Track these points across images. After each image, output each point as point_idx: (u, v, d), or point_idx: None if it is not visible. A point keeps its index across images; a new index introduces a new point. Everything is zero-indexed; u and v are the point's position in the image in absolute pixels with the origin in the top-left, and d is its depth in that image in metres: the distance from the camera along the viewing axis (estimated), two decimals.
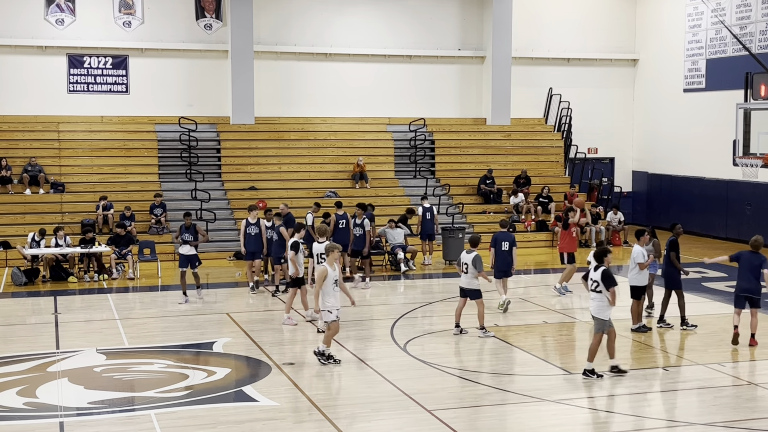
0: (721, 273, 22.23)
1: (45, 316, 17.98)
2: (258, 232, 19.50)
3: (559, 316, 17.57)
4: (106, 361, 14.28)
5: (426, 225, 24.09)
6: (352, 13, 30.52)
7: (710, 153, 28.70)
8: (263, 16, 29.54)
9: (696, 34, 30.36)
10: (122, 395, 12.54)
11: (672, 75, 31.34)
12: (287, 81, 29.99)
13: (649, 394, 12.74)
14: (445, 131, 31.00)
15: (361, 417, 11.61)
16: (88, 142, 27.72)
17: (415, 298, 20.07)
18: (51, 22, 27.96)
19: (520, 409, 12.01)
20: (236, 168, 28.38)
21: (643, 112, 33.16)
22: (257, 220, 19.55)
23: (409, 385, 12.72)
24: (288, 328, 16.38)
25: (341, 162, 29.19)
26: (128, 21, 28.59)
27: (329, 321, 13.75)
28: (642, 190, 33.08)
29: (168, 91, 29.04)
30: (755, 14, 27.84)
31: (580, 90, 32.47)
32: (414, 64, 31.18)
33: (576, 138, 31.93)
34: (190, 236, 18.85)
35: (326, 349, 13.88)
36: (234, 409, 11.97)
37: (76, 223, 24.64)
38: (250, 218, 19.58)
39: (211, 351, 14.88)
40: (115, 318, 17.50)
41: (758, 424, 11.19)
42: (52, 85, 28.10)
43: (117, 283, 21.47)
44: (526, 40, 31.83)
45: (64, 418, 11.47)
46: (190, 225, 18.99)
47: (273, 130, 29.47)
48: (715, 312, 17.91)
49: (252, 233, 19.52)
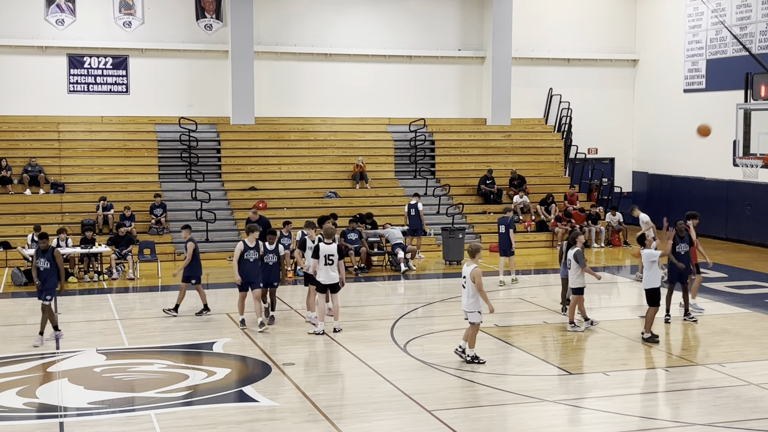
0: (721, 273, 22.24)
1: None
2: (257, 257, 16.34)
3: (558, 316, 17.55)
4: (106, 361, 14.28)
5: (410, 221, 24.89)
6: (353, 13, 30.52)
7: (710, 153, 28.69)
8: (263, 16, 29.55)
9: (696, 34, 30.37)
10: (122, 395, 12.53)
11: (672, 75, 31.34)
12: (287, 81, 30.00)
13: (649, 395, 12.74)
14: (445, 131, 31.00)
15: (362, 417, 11.61)
16: (88, 142, 27.72)
17: (415, 298, 20.06)
18: (51, 23, 27.97)
19: (519, 409, 12.00)
20: (236, 168, 28.38)
21: (643, 112, 33.17)
22: (256, 243, 16.32)
23: (409, 386, 12.72)
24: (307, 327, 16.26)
25: (341, 162, 29.19)
26: (128, 21, 28.60)
27: (476, 322, 13.84)
28: (642, 191, 33.08)
29: (168, 92, 29.04)
30: (755, 14, 27.84)
31: (581, 90, 32.48)
32: (414, 64, 31.19)
33: (576, 138, 31.94)
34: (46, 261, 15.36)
35: (471, 351, 13.96)
36: (234, 410, 11.97)
37: (76, 223, 24.64)
38: (248, 241, 16.25)
39: (211, 351, 14.88)
40: (116, 318, 17.50)
41: (758, 425, 11.19)
42: (53, 85, 28.11)
43: (117, 283, 21.47)
44: (526, 41, 31.84)
45: (64, 419, 11.47)
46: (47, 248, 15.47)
47: (273, 130, 29.48)
48: (716, 312, 17.91)
49: (251, 259, 16.25)
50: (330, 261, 15.76)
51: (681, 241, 17.00)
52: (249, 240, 16.19)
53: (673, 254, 16.89)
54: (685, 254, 17.00)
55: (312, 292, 16.64)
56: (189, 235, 17.62)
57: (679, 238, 17.01)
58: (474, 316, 13.82)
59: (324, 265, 15.77)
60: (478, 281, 13.58)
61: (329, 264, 15.76)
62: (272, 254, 16.59)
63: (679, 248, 16.97)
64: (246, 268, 16.18)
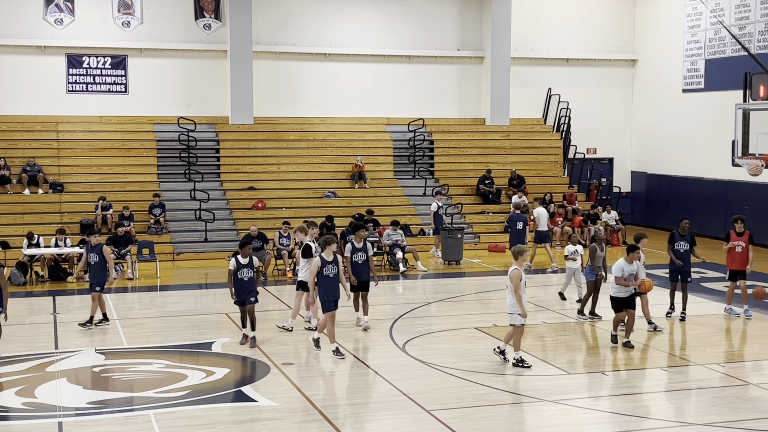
0: (720, 273, 22.23)
1: (44, 316, 17.96)
2: (252, 275, 15.13)
3: (557, 316, 17.56)
4: (105, 361, 14.27)
5: (435, 220, 25.54)
6: (351, 13, 30.52)
7: (709, 153, 28.70)
8: (262, 16, 29.54)
9: (695, 34, 30.37)
10: (121, 395, 12.53)
11: (671, 75, 31.35)
12: (286, 81, 29.99)
13: (647, 395, 12.75)
14: (444, 131, 31.00)
15: (360, 417, 11.61)
16: (87, 142, 27.71)
17: (413, 299, 20.06)
18: (50, 22, 27.95)
19: (519, 409, 12.01)
20: (235, 168, 28.37)
21: (642, 112, 33.17)
22: (250, 258, 15.08)
23: (408, 386, 12.71)
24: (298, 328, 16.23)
25: (340, 162, 29.19)
26: (127, 21, 28.58)
27: (516, 324, 13.71)
28: (641, 191, 33.09)
29: (167, 91, 29.03)
30: (754, 15, 27.85)
31: (579, 90, 32.49)
32: (413, 64, 31.19)
33: (575, 138, 31.95)
34: None
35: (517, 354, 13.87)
36: (233, 410, 11.96)
37: (75, 223, 24.64)
38: (241, 257, 15.00)
39: (210, 351, 14.87)
40: (114, 318, 17.48)
41: (757, 425, 11.19)
42: (51, 85, 28.09)
43: (116, 283, 21.43)
44: (525, 41, 31.84)
45: (62, 418, 11.46)
46: None
47: (272, 130, 29.47)
48: (714, 312, 17.91)
49: (245, 278, 14.98)
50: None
51: (681, 239, 17.06)
52: (242, 255, 14.97)
53: (672, 252, 16.97)
54: (684, 252, 17.05)
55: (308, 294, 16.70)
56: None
57: (679, 235, 17.07)
58: (514, 318, 13.65)
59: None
60: (515, 282, 13.41)
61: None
62: (246, 269, 15.01)
63: (678, 246, 17.03)
64: (241, 286, 14.97)
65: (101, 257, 16.54)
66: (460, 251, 24.30)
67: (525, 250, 13.87)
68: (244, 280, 14.97)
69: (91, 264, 16.68)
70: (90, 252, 16.70)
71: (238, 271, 14.95)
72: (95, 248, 16.64)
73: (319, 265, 14.55)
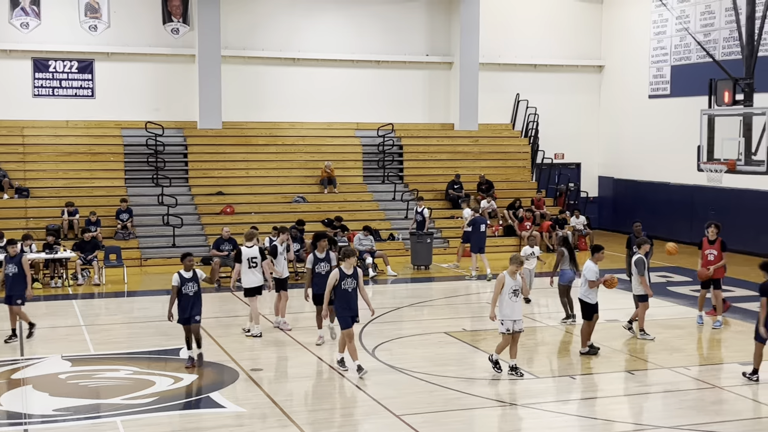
0: (686, 278, 22.47)
1: (9, 322, 17.70)
2: (197, 289, 14.00)
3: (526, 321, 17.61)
4: (72, 368, 14.14)
5: (417, 226, 25.03)
6: (320, 18, 30.50)
7: (675, 159, 28.97)
8: (231, 20, 29.44)
9: (661, 40, 30.69)
10: (88, 402, 12.41)
11: (637, 81, 31.65)
12: (255, 86, 29.90)
13: (615, 398, 12.84)
14: (413, 136, 31.06)
15: (330, 422, 11.59)
16: (53, 146, 27.44)
17: (383, 303, 20.04)
18: (15, 26, 27.67)
19: (488, 413, 12.06)
20: (203, 173, 28.23)
21: (608, 118, 33.44)
22: (193, 272, 13.97)
23: (378, 390, 12.71)
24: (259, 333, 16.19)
25: (309, 167, 29.14)
26: (94, 25, 28.37)
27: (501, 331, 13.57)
28: (608, 196, 33.33)
29: (134, 96, 28.84)
30: (719, 22, 28.18)
31: (547, 96, 32.69)
32: (382, 69, 31.23)
33: (543, 143, 32.14)
34: None
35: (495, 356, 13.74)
36: (201, 416, 11.90)
37: (41, 228, 24.38)
38: (184, 272, 13.89)
39: (178, 357, 14.77)
40: (81, 324, 17.33)
41: (723, 427, 11.31)
42: (17, 89, 27.79)
43: (82, 289, 21.27)
44: (493, 46, 31.98)
45: (28, 426, 11.35)
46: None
47: (240, 134, 29.36)
48: (680, 316, 18.08)
49: (191, 293, 13.87)
50: (254, 264, 16.11)
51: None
52: (185, 270, 13.96)
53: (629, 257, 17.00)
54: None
55: (283, 297, 16.78)
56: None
57: (635, 238, 17.28)
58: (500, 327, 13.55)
59: (247, 269, 16.05)
60: (495, 286, 13.56)
61: (253, 267, 16.09)
62: (191, 283, 13.91)
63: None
64: (185, 303, 13.90)
65: (20, 268, 15.61)
66: (429, 256, 24.35)
67: (520, 258, 13.80)
68: (189, 295, 13.79)
69: (8, 275, 15.62)
70: (9, 263, 15.66)
71: (184, 285, 13.78)
72: (14, 259, 15.64)
73: (336, 278, 13.50)
